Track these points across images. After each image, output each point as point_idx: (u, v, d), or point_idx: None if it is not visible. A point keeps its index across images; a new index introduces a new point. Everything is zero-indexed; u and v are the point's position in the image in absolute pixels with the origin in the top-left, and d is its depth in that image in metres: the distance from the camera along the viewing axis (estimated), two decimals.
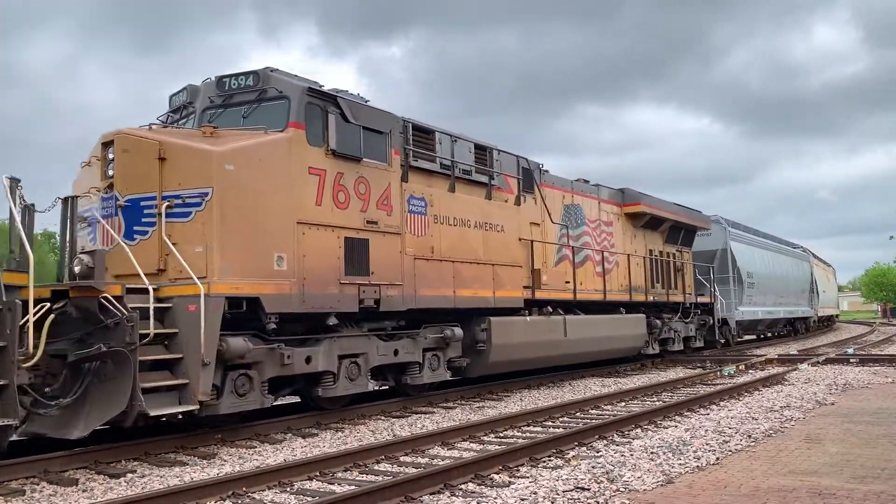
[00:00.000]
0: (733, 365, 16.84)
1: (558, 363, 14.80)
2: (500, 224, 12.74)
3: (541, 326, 13.59)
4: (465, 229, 11.98)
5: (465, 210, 12.03)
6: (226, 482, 6.23)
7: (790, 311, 32.24)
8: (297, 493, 6.24)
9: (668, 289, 19.64)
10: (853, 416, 9.46)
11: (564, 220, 15.60)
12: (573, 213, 16.06)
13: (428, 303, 11.00)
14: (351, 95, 10.63)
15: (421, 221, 11.08)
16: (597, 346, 15.40)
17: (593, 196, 17.18)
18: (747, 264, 26.60)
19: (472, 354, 12.16)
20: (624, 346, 16.70)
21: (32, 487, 6.59)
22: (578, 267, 15.63)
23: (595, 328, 15.26)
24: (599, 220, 17.11)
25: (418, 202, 11.10)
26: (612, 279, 16.92)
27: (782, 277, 31.54)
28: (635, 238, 18.70)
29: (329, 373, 9.61)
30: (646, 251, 19.08)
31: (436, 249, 11.28)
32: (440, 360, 11.55)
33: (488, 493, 6.03)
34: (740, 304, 25.40)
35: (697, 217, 22.36)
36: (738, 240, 27.02)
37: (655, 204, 19.27)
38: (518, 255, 13.20)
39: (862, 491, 5.69)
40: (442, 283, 11.31)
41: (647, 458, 7.07)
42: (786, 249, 35.18)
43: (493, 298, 12.33)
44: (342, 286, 9.63)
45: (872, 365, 16.77)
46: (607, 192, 17.88)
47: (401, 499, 5.78)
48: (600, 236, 17.02)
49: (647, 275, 18.74)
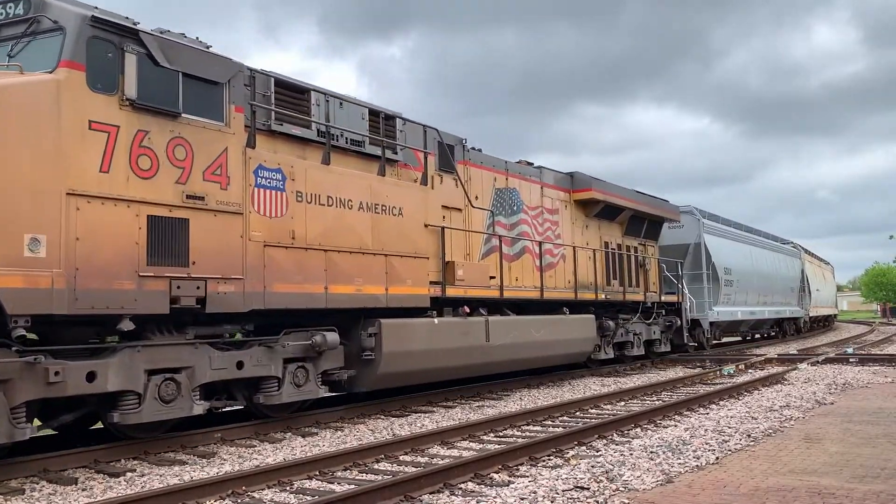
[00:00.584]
0: (733, 364, 16.87)
1: (480, 373, 12.56)
2: (397, 206, 10.55)
3: (453, 330, 11.37)
4: (346, 211, 9.72)
5: (345, 188, 9.78)
6: (225, 481, 6.24)
7: (777, 312, 30.10)
8: (297, 493, 6.24)
9: (627, 286, 17.79)
10: (853, 416, 9.46)
11: (496, 205, 13.67)
12: (507, 198, 14.07)
13: (284, 302, 8.73)
14: (174, 35, 8.30)
15: (276, 199, 8.81)
16: (530, 351, 13.24)
17: (534, 180, 15.15)
18: (725, 260, 24.34)
19: (359, 365, 9.99)
20: (567, 351, 14.53)
21: (32, 486, 6.59)
22: (513, 260, 13.78)
23: (527, 331, 13.11)
24: (542, 208, 15.12)
25: (271, 175, 8.82)
26: (556, 275, 15.12)
27: (767, 275, 29.18)
28: (587, 229, 16.80)
29: (130, 393, 7.43)
30: (600, 244, 17.18)
31: (299, 235, 9.03)
32: (309, 373, 9.31)
33: (488, 492, 6.03)
34: (716, 303, 23.08)
35: (664, 207, 20.32)
36: (714, 233, 24.62)
37: (610, 190, 17.23)
38: (423, 244, 11.01)
39: (861, 490, 5.69)
40: (307, 278, 9.05)
41: (647, 458, 7.07)
42: (772, 244, 32.80)
43: (385, 297, 10.19)
44: (142, 280, 7.36)
45: (872, 365, 16.79)
46: (553, 177, 15.89)
47: (400, 498, 5.78)
48: (542, 226, 15.06)
49: (602, 271, 16.83)
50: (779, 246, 33.92)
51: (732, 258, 25.22)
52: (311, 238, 9.24)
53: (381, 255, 10.23)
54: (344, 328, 9.84)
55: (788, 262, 33.61)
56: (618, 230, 18.26)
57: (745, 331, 29.20)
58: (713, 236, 24.17)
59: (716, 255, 23.44)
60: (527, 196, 14.70)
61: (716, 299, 23.04)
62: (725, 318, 24.00)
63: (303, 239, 9.11)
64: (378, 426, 9.68)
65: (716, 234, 24.74)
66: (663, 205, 20.29)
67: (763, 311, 28.02)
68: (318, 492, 6.17)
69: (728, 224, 27.77)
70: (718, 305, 23.26)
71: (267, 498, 6.09)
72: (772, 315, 29.36)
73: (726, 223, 27.52)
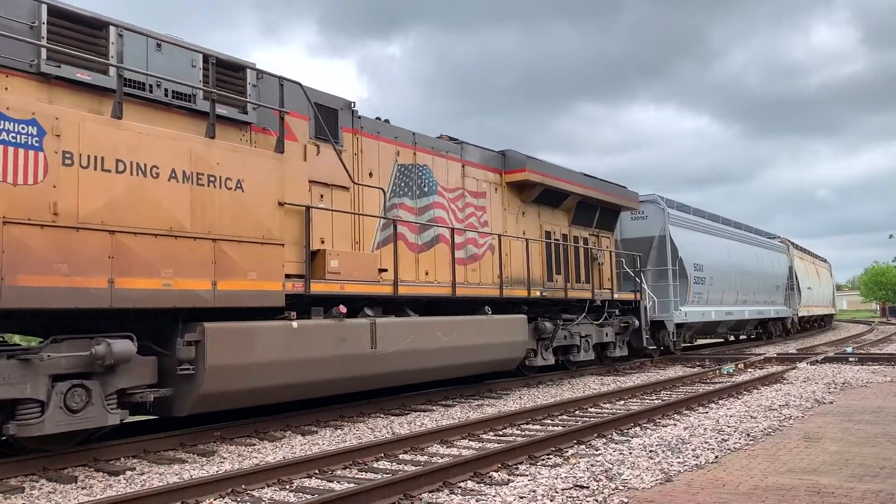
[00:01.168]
0: (732, 364, 16.90)
1: (364, 387, 10.32)
2: (235, 178, 8.34)
3: (322, 335, 9.19)
4: (148, 180, 7.53)
5: (148, 150, 7.58)
6: (225, 480, 6.24)
7: (760, 312, 27.66)
8: (297, 491, 6.25)
9: (575, 282, 15.91)
10: (852, 415, 9.47)
11: (398, 185, 11.72)
12: (415, 176, 12.09)
13: (37, 300, 6.60)
14: None
15: (24, 160, 6.66)
16: (437, 359, 11.10)
17: (453, 157, 13.09)
18: (695, 255, 21.97)
19: (176, 382, 7.83)
20: (488, 357, 12.27)
21: (31, 485, 6.59)
22: (422, 251, 11.93)
23: (431, 335, 10.95)
24: (463, 190, 13.18)
25: (18, 127, 6.65)
26: (482, 269, 13.21)
27: (749, 271, 26.69)
28: (524, 216, 14.79)
29: None
30: (540, 233, 15.22)
31: (65, 209, 6.85)
32: (92, 394, 7.12)
33: (487, 491, 6.03)
34: (684, 302, 20.84)
35: (620, 194, 18.15)
36: (683, 225, 22.21)
37: (550, 172, 15.17)
38: (277, 227, 8.72)
39: (860, 490, 5.70)
40: (79, 267, 6.89)
41: (646, 457, 7.08)
42: (755, 239, 30.00)
43: (212, 293, 7.95)
44: None
45: (871, 364, 16.81)
46: (479, 154, 13.81)
47: (400, 497, 5.78)
48: (464, 211, 13.09)
49: (542, 264, 14.92)
50: (763, 240, 31.21)
51: (705, 253, 22.90)
52: (87, 214, 7.01)
53: (205, 240, 7.97)
54: (161, 335, 7.94)
55: (774, 258, 31.06)
56: (563, 219, 16.22)
57: (723, 332, 27.13)
58: (681, 228, 21.84)
59: (684, 249, 21.15)
60: (442, 175, 12.70)
61: (684, 298, 20.87)
62: (696, 319, 21.64)
63: (72, 215, 6.90)
64: (377, 425, 9.68)
65: (685, 226, 22.41)
66: (619, 191, 18.16)
67: (743, 310, 25.73)
68: (318, 490, 6.17)
69: (701, 215, 25.26)
70: (687, 305, 21.01)
71: (266, 496, 6.09)
72: (754, 315, 27.10)
73: (700, 214, 25.07)
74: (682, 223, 22.17)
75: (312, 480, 6.61)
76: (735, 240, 27.00)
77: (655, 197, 21.15)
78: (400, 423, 9.85)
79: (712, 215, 26.57)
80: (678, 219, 21.96)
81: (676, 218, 21.76)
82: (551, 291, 14.66)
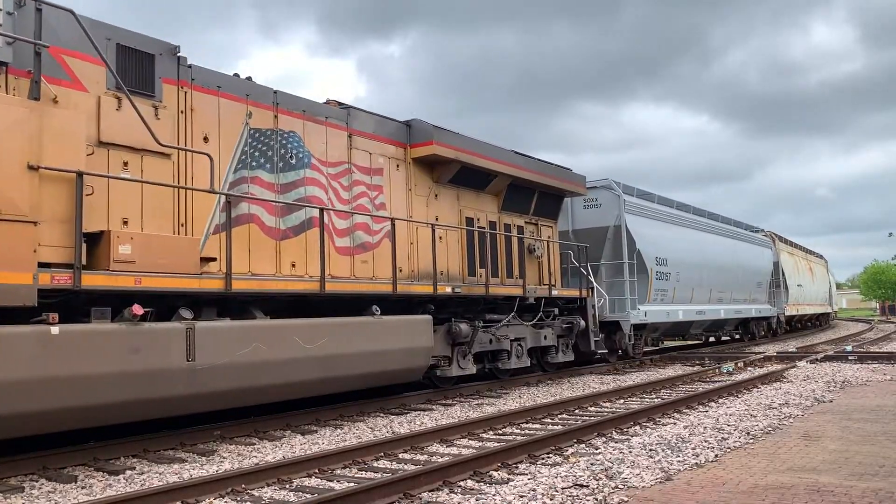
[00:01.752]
0: (732, 362, 16.91)
1: (180, 411, 8.00)
2: None
3: (95, 346, 6.93)
4: None
5: None
6: (225, 479, 6.24)
7: (738, 311, 25.35)
8: (296, 490, 6.25)
9: (506, 277, 13.91)
10: (851, 414, 9.47)
11: (250, 154, 9.50)
12: (276, 145, 9.86)
13: None
14: None
15: None
16: (292, 373, 8.78)
17: (335, 124, 10.84)
18: (657, 247, 19.55)
19: None
20: (373, 368, 9.98)
21: (31, 484, 6.59)
22: (286, 237, 9.76)
23: (285, 343, 8.69)
24: (351, 165, 11.01)
25: None
26: (377, 260, 11.07)
27: (725, 267, 24.23)
28: (437, 199, 12.62)
29: None
30: (460, 219, 13.10)
31: None
32: None
33: (487, 490, 6.03)
34: (645, 300, 18.61)
35: (563, 176, 15.81)
36: (643, 213, 19.61)
37: (467, 147, 12.78)
38: (23, 197, 6.56)
39: (860, 488, 5.70)
40: None
41: (646, 456, 7.08)
42: (733, 231, 27.13)
43: None
44: None
45: (871, 362, 16.83)
46: (373, 123, 11.57)
47: (400, 496, 5.78)
48: (350, 190, 10.94)
49: (461, 255, 12.87)
50: (743, 233, 28.52)
51: (670, 246, 20.41)
52: None
53: None
54: None
55: (757, 253, 28.61)
56: (492, 203, 14.08)
57: (697, 333, 24.86)
58: (640, 217, 19.28)
59: (643, 240, 18.68)
60: (319, 146, 10.52)
61: (644, 296, 18.65)
62: (659, 320, 19.33)
63: None
64: (377, 424, 9.69)
65: (645, 215, 19.78)
66: (562, 174, 15.84)
67: (718, 309, 23.43)
68: (318, 490, 6.17)
69: (668, 204, 22.51)
70: (648, 304, 18.75)
71: (266, 496, 6.09)
72: (732, 315, 24.79)
73: (667, 203, 22.38)
74: (641, 212, 19.56)
75: (312, 480, 6.61)
76: (710, 232, 24.44)
77: (610, 182, 18.68)
78: (399, 422, 9.85)
79: (683, 205, 23.81)
80: (636, 207, 19.38)
81: (634, 206, 19.22)
82: (468, 288, 12.40)
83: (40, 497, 6.21)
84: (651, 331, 19.96)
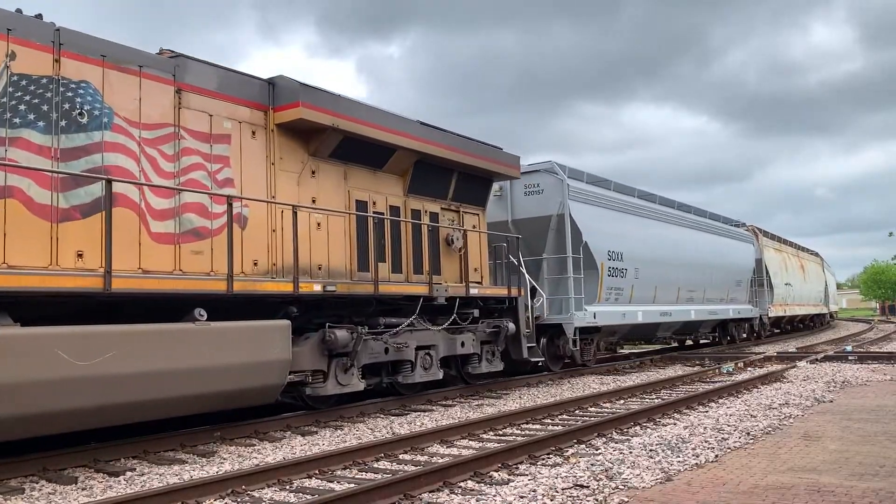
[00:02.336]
0: (732, 363, 16.92)
1: None
2: None
3: None
4: None
5: None
6: (225, 480, 6.24)
7: (713, 312, 22.96)
8: (297, 491, 6.25)
9: (410, 274, 11.62)
10: (851, 414, 9.48)
11: (11, 107, 7.05)
12: (59, 97, 7.42)
13: None
14: None
15: None
16: (53, 400, 6.50)
17: (156, 76, 8.39)
18: (610, 240, 17.21)
19: None
20: (197, 390, 7.72)
21: (31, 485, 6.59)
22: (70, 218, 7.32)
23: (40, 359, 6.39)
24: (178, 128, 8.55)
25: None
26: (220, 251, 8.50)
27: (695, 264, 21.69)
28: (314, 177, 10.20)
29: None
30: (348, 202, 10.70)
31: None
32: None
33: (487, 490, 6.04)
34: (595, 300, 16.41)
35: (489, 155, 13.42)
36: (591, 202, 17.01)
37: (349, 113, 10.35)
38: None
39: (860, 488, 5.70)
40: None
41: (646, 456, 7.08)
42: (707, 225, 24.36)
43: None
44: None
45: (871, 362, 16.85)
46: (216, 79, 9.14)
47: (400, 496, 5.79)
48: (177, 161, 8.47)
49: (349, 247, 10.54)
50: (720, 227, 25.99)
51: (627, 239, 17.97)
52: None
53: None
54: None
55: (736, 249, 26.13)
56: (395, 185, 11.72)
57: (665, 337, 22.58)
58: (589, 206, 16.77)
59: (591, 232, 16.25)
60: (127, 102, 8.06)
61: (594, 295, 16.47)
62: (612, 322, 17.04)
63: None
64: (377, 425, 9.69)
65: (594, 202, 17.18)
66: (490, 152, 13.49)
67: (688, 310, 21.03)
68: (318, 491, 6.17)
69: (629, 192, 19.88)
70: (599, 304, 16.56)
71: (267, 497, 6.09)
72: (705, 316, 22.42)
73: (626, 192, 19.68)
74: (589, 199, 16.96)
75: (312, 481, 6.62)
76: (679, 225, 21.86)
77: (552, 165, 16.24)
78: (400, 423, 9.85)
79: (647, 193, 20.97)
80: (584, 193, 16.72)
81: (581, 192, 16.58)
82: (349, 286, 10.04)
83: (40, 498, 6.22)
84: (607, 335, 17.78)
